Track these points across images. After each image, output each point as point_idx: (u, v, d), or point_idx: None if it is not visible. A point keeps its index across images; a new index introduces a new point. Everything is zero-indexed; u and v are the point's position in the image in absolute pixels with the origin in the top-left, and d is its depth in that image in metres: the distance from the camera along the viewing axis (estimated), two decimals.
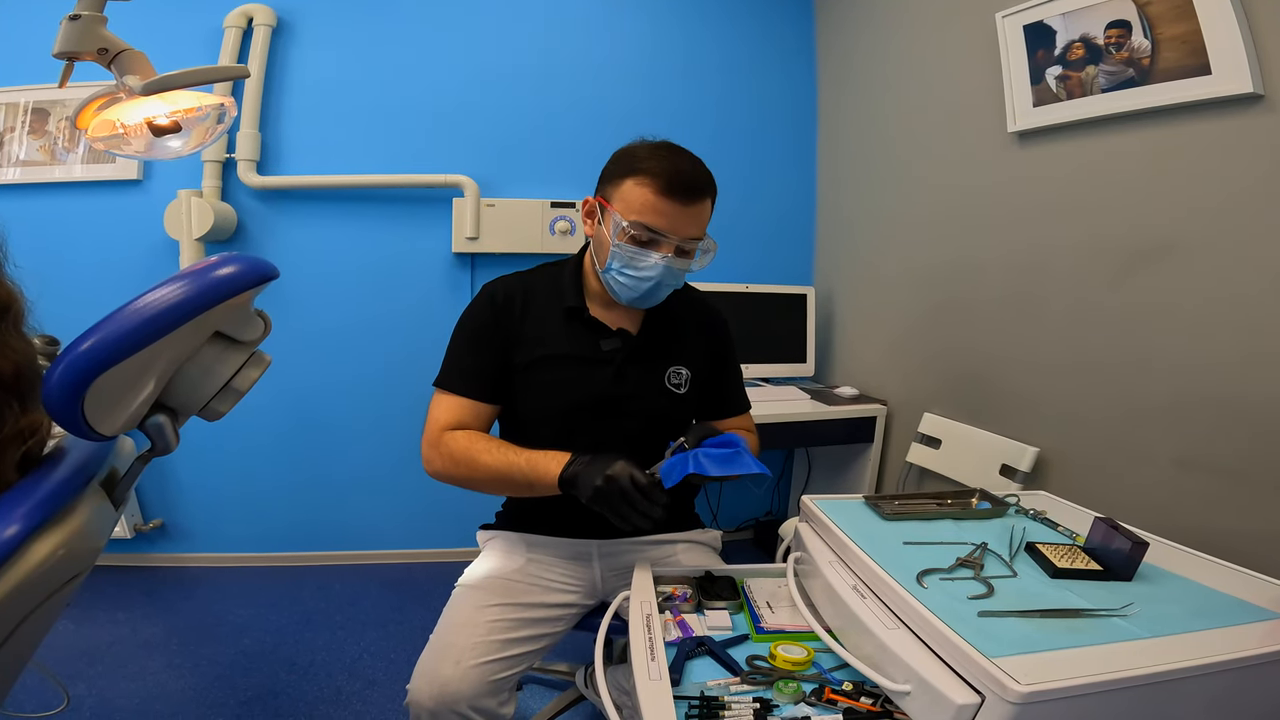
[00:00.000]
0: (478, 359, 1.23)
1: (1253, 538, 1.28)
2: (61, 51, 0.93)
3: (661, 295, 1.21)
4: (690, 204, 1.13)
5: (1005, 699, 0.66)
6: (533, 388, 1.24)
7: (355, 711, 1.76)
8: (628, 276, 1.16)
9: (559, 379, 1.24)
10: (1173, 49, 1.41)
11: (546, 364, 1.23)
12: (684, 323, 1.34)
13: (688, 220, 1.13)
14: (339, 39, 2.39)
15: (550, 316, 1.26)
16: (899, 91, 2.32)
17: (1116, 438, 1.58)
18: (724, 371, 1.40)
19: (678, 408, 1.30)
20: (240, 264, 0.66)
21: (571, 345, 1.25)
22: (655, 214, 1.11)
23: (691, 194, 1.12)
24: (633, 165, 1.14)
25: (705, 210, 1.17)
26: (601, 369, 1.25)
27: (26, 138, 2.26)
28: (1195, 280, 1.42)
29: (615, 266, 1.16)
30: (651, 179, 1.11)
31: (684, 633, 1.00)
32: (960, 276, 2.05)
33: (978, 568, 0.92)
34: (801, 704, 0.84)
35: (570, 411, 1.23)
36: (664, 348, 1.30)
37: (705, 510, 2.78)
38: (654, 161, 1.12)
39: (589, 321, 1.26)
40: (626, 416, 1.25)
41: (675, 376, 1.30)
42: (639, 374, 1.27)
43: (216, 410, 0.75)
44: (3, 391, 0.61)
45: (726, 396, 1.41)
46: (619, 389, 1.25)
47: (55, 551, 0.56)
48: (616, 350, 1.26)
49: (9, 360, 0.62)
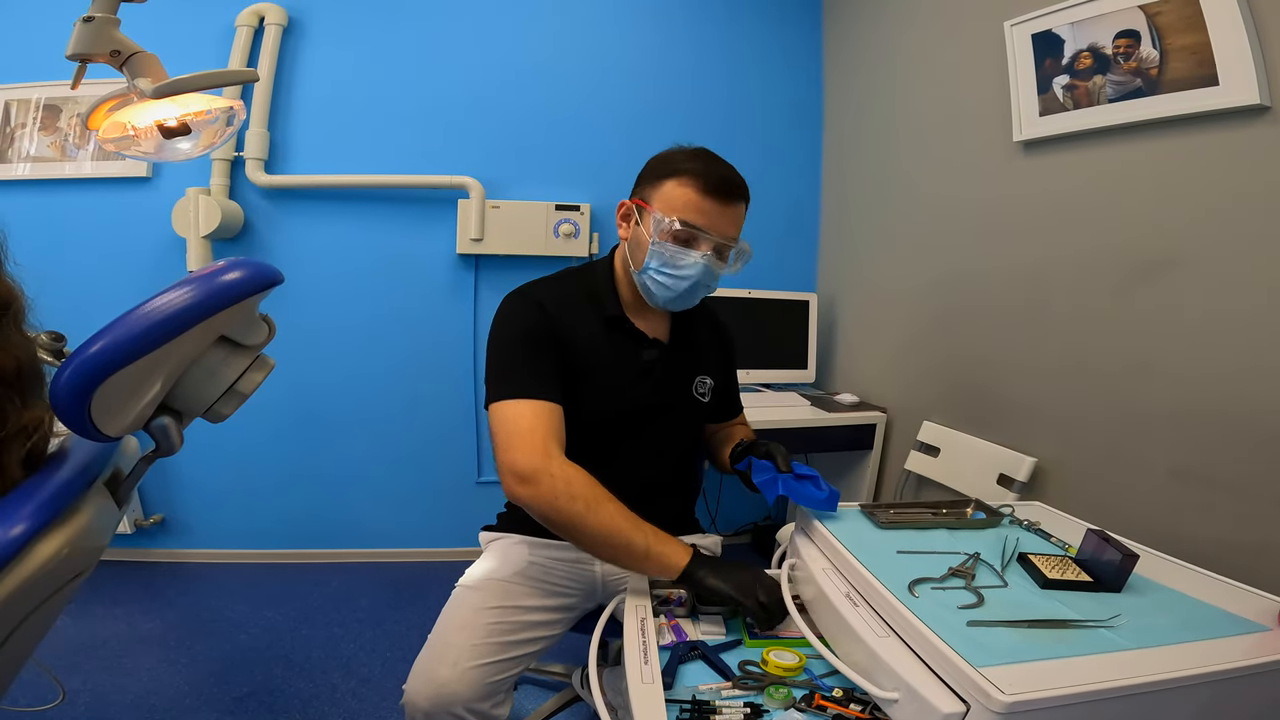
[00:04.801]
0: (544, 361, 1.17)
1: (1248, 550, 1.28)
2: (75, 53, 0.95)
3: (697, 297, 1.22)
4: (730, 204, 1.15)
5: (989, 708, 0.66)
6: (581, 395, 1.20)
7: (350, 710, 1.77)
8: (667, 275, 1.17)
9: (607, 387, 1.23)
10: (1181, 59, 1.41)
11: (596, 372, 1.22)
12: (701, 330, 1.36)
13: (728, 220, 1.16)
14: (349, 39, 2.41)
15: (592, 323, 1.25)
16: (904, 99, 2.33)
17: (1114, 448, 1.58)
18: (730, 378, 1.42)
19: (700, 416, 1.33)
20: (246, 269, 0.68)
21: (616, 354, 1.25)
22: (698, 212, 1.13)
23: (732, 194, 1.15)
24: (674, 167, 1.16)
25: (742, 213, 1.20)
26: (644, 379, 1.26)
27: (38, 134, 2.28)
28: (1197, 293, 1.42)
29: (654, 266, 1.17)
30: (694, 179, 1.13)
31: (678, 637, 1.00)
32: (962, 286, 2.06)
33: (969, 577, 0.93)
34: (792, 709, 0.84)
35: (616, 420, 1.24)
36: (692, 357, 1.33)
37: (704, 514, 2.78)
38: (696, 163, 1.15)
39: (630, 331, 1.27)
40: (661, 425, 1.27)
41: (701, 386, 1.33)
42: (673, 383, 1.29)
43: (220, 413, 0.77)
44: (4, 388, 0.62)
45: (731, 401, 1.43)
46: (658, 398, 1.27)
47: (60, 551, 0.57)
48: (655, 360, 1.27)
49: (10, 357, 0.63)
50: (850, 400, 2.41)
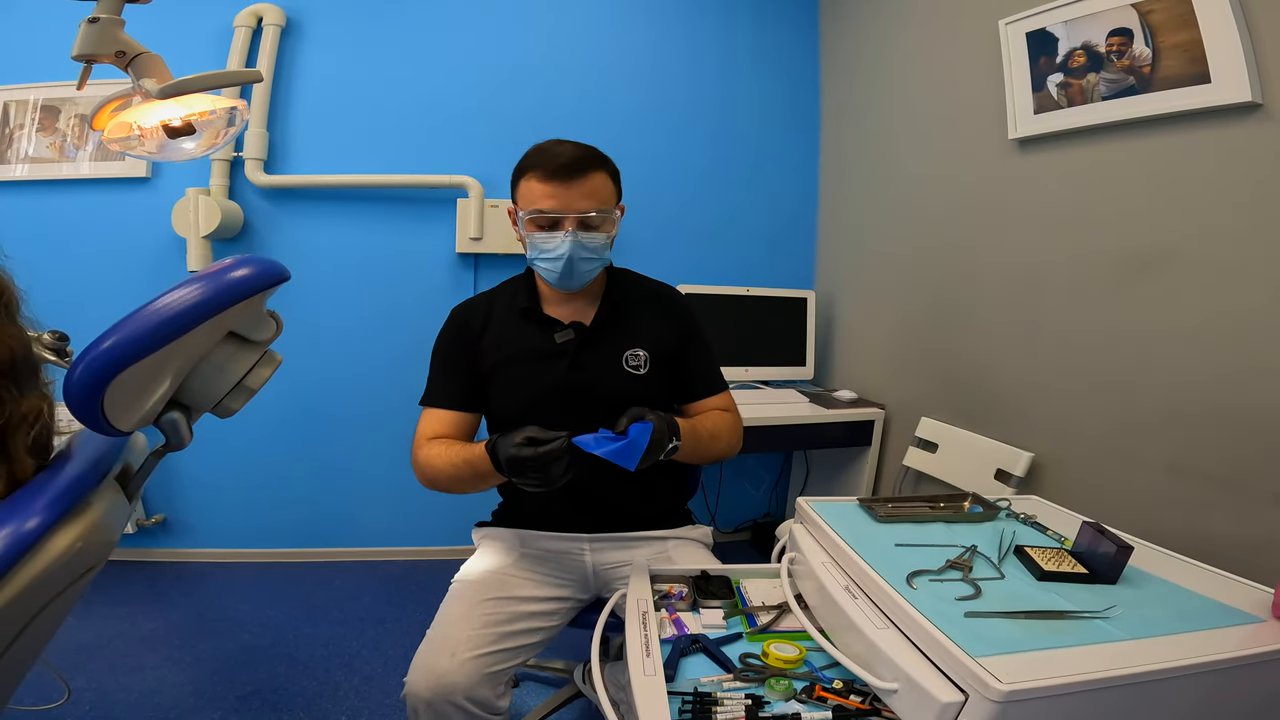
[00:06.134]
0: (449, 375, 1.35)
1: (1244, 545, 1.29)
2: (80, 54, 0.96)
3: (587, 270, 1.28)
4: (573, 181, 1.23)
5: (988, 697, 0.67)
6: (499, 388, 1.34)
7: (352, 707, 1.78)
8: (545, 259, 1.26)
9: (519, 375, 1.33)
10: (1173, 57, 1.42)
11: (507, 364, 1.33)
12: (638, 308, 1.40)
13: (575, 196, 1.23)
14: (347, 39, 2.42)
15: (509, 321, 1.36)
16: (901, 97, 2.34)
17: (1110, 444, 1.60)
18: (691, 353, 1.41)
19: (641, 388, 1.33)
20: (254, 266, 0.69)
21: (527, 342, 1.34)
22: (545, 198, 1.23)
23: (572, 172, 1.23)
24: (522, 166, 1.28)
25: (594, 183, 1.25)
26: (557, 361, 1.32)
27: (36, 135, 2.28)
28: (1192, 289, 1.44)
29: (532, 255, 1.28)
30: (533, 171, 1.24)
31: (679, 630, 1.01)
32: (959, 283, 2.07)
33: (966, 570, 0.94)
34: (792, 701, 0.86)
35: (535, 404, 1.29)
36: (618, 333, 1.36)
37: (704, 511, 2.80)
38: (534, 156, 1.26)
39: (541, 319, 1.35)
40: (593, 402, 1.28)
41: (633, 359, 1.35)
42: (595, 360, 1.33)
43: (229, 407, 0.78)
44: (1, 378, 0.63)
45: (695, 378, 1.42)
46: (578, 377, 1.31)
47: (74, 544, 0.58)
48: (570, 341, 1.33)
49: (4, 346, 0.64)
50: (849, 397, 2.42)
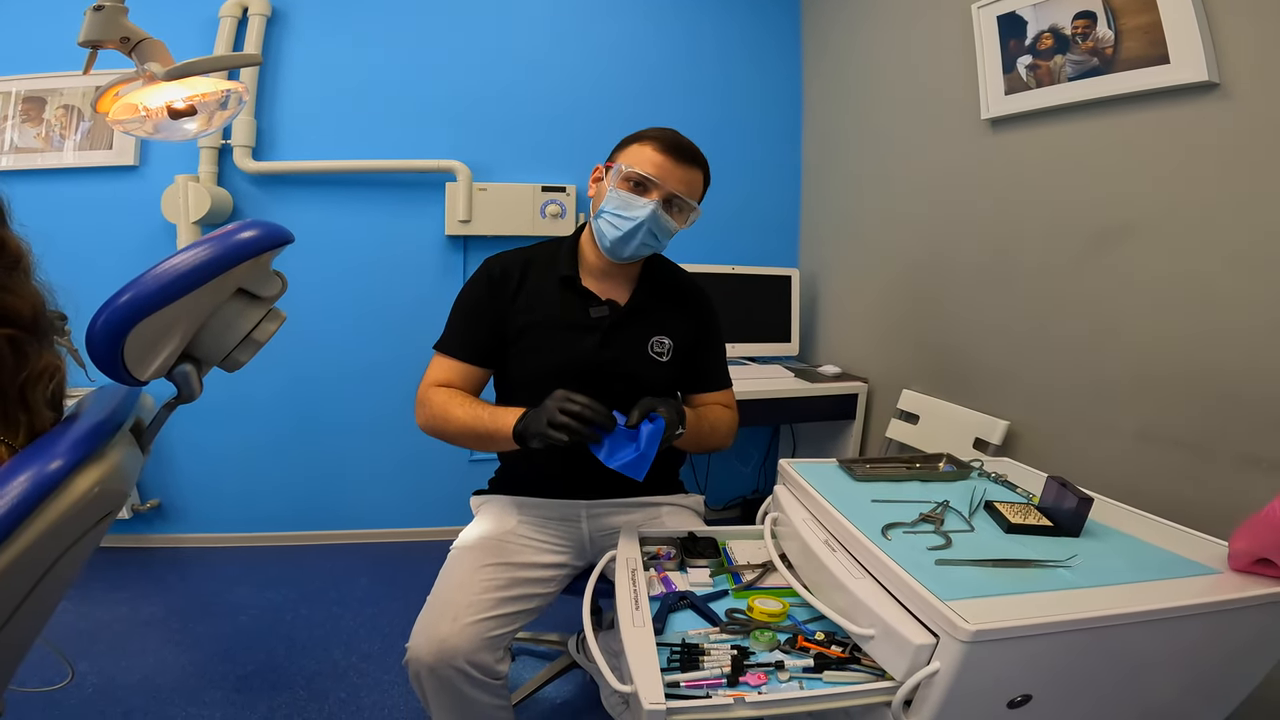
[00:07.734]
0: (471, 328, 1.35)
1: (1210, 508, 1.32)
2: (86, 40, 1.00)
3: (644, 246, 1.30)
4: (683, 165, 1.27)
5: (956, 638, 0.72)
6: (524, 352, 1.34)
7: (352, 684, 1.81)
8: (618, 216, 1.27)
9: (548, 343, 1.33)
10: (1134, 39, 1.47)
11: (537, 329, 1.33)
12: (670, 297, 1.42)
13: (679, 178, 1.27)
14: (334, 26, 2.42)
15: (545, 286, 1.36)
16: (880, 80, 2.38)
17: (1082, 411, 1.65)
18: (706, 348, 1.46)
19: (659, 375, 1.37)
20: (260, 229, 0.75)
21: (562, 311, 1.34)
22: (652, 165, 1.26)
23: (686, 157, 1.28)
24: (640, 134, 1.31)
25: (696, 177, 1.30)
26: (589, 335, 1.34)
27: (22, 125, 2.27)
28: (1155, 259, 1.49)
29: (608, 210, 1.28)
30: (653, 141, 1.28)
31: (667, 588, 1.06)
32: (937, 259, 2.12)
33: (938, 523, 0.99)
34: (776, 651, 0.90)
35: (557, 374, 1.28)
36: (649, 318, 1.38)
37: (694, 488, 2.83)
38: (656, 130, 1.30)
39: (581, 290, 1.36)
40: (612, 380, 1.31)
41: (658, 345, 1.38)
42: (624, 341, 1.36)
43: (238, 360, 0.83)
44: (25, 332, 0.68)
45: (706, 372, 1.47)
46: (604, 354, 1.33)
47: (93, 488, 0.62)
48: (604, 317, 1.34)
49: (28, 304, 0.69)
50: (833, 371, 2.47)
